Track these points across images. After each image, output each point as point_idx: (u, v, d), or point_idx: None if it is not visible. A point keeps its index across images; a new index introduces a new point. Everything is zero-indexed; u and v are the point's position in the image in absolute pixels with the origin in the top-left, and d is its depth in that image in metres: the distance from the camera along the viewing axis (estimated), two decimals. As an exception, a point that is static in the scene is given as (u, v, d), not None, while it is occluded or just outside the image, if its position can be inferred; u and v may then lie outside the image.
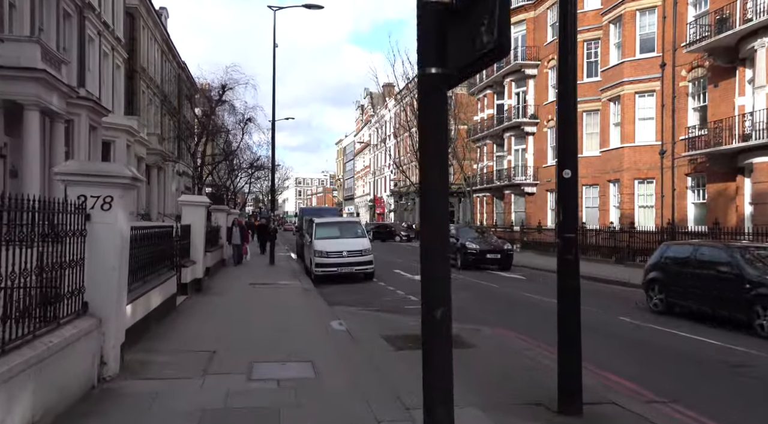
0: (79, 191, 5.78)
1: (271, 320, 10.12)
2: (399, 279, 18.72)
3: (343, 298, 14.08)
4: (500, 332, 9.47)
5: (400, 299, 14.02)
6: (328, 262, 17.74)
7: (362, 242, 18.52)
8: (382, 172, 72.28)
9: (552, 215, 33.05)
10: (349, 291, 15.66)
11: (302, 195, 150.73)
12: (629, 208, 24.54)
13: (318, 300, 13.07)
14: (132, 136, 23.12)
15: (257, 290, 14.55)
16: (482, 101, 41.08)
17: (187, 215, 13.36)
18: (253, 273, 18.98)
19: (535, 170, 35.11)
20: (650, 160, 23.90)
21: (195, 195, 19.71)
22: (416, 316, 9.95)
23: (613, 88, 25.56)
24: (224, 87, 25.09)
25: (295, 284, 16.15)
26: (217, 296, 13.21)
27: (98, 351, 5.80)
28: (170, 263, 10.60)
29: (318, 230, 18.99)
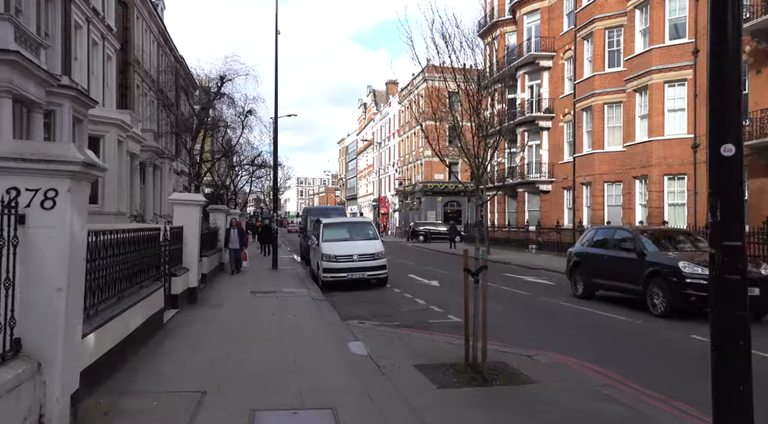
0: (9, 183, 4.12)
1: (277, 340, 8.44)
2: (415, 285, 17.05)
3: (357, 309, 12.40)
4: (559, 358, 7.78)
5: (422, 309, 12.33)
6: (337, 267, 16.07)
7: (374, 245, 16.84)
8: (386, 170, 70.59)
9: (569, 214, 31.39)
10: (362, 300, 13.98)
11: (304, 195, 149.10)
12: (658, 207, 22.83)
13: (329, 312, 11.39)
14: (124, 132, 21.45)
15: (259, 300, 12.87)
16: (492, 96, 39.34)
17: (179, 216, 11.70)
18: (254, 279, 17.30)
19: (551, 167, 33.39)
20: (682, 155, 22.19)
21: (188, 193, 17.90)
22: (447, 334, 8.39)
23: (639, 78, 23.86)
24: (223, 78, 23.33)
25: (301, 291, 14.47)
26: (213, 308, 11.52)
27: (37, 407, 4.13)
28: (156, 272, 8.94)
29: (326, 231, 17.32)
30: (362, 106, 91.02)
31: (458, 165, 57.88)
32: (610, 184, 27.13)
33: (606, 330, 9.97)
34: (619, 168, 26.32)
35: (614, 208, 26.88)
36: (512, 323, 10.50)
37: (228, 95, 24.70)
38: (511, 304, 13.09)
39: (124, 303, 6.75)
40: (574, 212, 30.04)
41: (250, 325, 9.76)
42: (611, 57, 27.11)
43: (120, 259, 6.64)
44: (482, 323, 6.49)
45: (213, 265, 17.16)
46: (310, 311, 11.53)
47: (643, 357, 8.00)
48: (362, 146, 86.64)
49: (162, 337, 8.40)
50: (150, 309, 8.04)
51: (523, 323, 10.75)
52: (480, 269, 6.50)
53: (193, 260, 11.85)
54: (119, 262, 6.62)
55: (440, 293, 15.04)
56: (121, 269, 6.78)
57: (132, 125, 23.05)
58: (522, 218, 35.71)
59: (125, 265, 6.93)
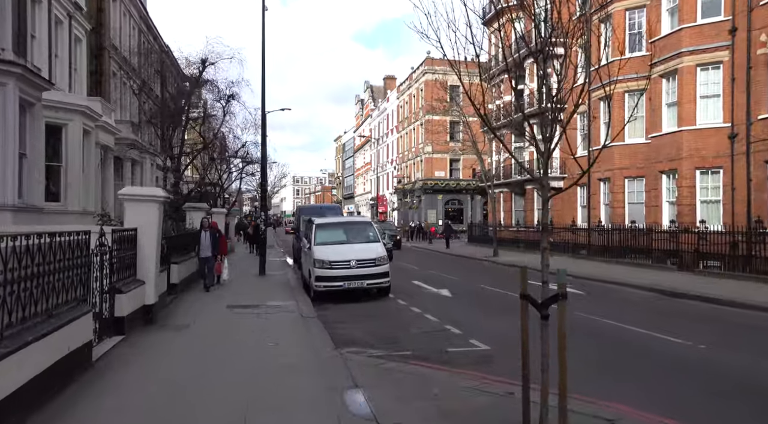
0: None
1: (244, 394, 6.06)
2: (423, 296, 14.71)
3: (355, 330, 10.03)
4: (632, 413, 5.44)
5: (436, 331, 9.95)
6: (331, 274, 13.70)
7: (375, 249, 14.47)
8: (384, 168, 68.21)
9: (583, 212, 29.06)
10: (362, 316, 11.62)
11: (300, 194, 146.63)
12: (690, 204, 20.50)
13: (321, 337, 9.01)
14: (92, 121, 19.00)
15: (236, 319, 10.49)
16: (498, 88, 37.02)
17: (132, 215, 9.32)
18: (236, 288, 14.93)
19: (563, 162, 31.06)
20: (717, 146, 19.87)
21: (142, 187, 15.19)
22: (477, 372, 5.89)
23: (666, 62, 21.53)
24: (205, 62, 20.87)
25: (289, 305, 12.10)
26: (174, 332, 9.14)
27: None
28: (82, 291, 6.56)
29: (319, 233, 14.94)
30: (359, 102, 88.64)
31: (459, 162, 55.80)
32: (631, 179, 24.80)
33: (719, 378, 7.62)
34: (641, 162, 23.99)
35: (636, 206, 24.56)
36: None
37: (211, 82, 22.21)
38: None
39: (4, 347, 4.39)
40: (589, 211, 27.71)
41: (213, 361, 7.38)
42: (632, 41, 24.74)
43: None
44: (560, 387, 4.14)
45: (189, 271, 14.78)
46: (296, 334, 9.16)
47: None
48: (359, 143, 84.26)
49: (82, 385, 6.01)
50: (64, 346, 5.68)
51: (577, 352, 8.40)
52: (553, 300, 4.16)
53: (150, 269, 9.47)
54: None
55: (454, 307, 12.69)
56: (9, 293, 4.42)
57: (103, 114, 20.61)
58: (531, 217, 33.39)
59: (17, 288, 4.58)
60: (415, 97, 56.68)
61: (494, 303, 12.97)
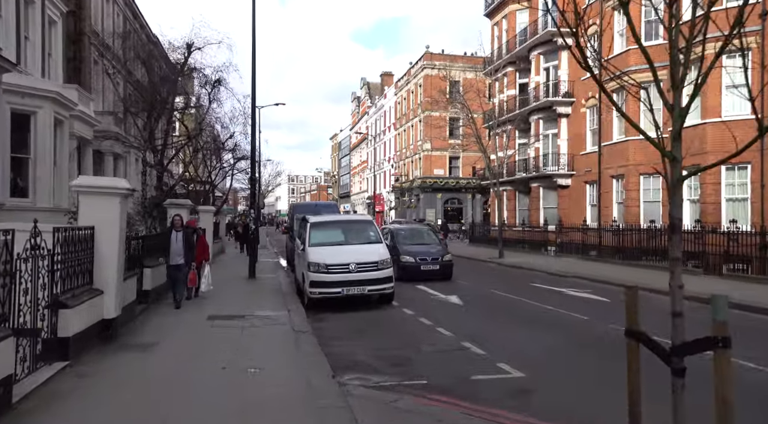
0: None
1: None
2: (428, 302, 13.16)
3: (356, 348, 8.45)
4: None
5: (453, 350, 8.36)
6: (328, 279, 12.11)
7: (377, 250, 12.89)
8: (381, 166, 66.57)
9: (592, 211, 27.56)
10: (363, 330, 10.04)
11: (295, 193, 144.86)
12: (714, 202, 19.02)
13: (314, 358, 7.42)
14: (66, 110, 17.36)
15: (215, 335, 8.88)
16: (501, 81, 35.50)
17: (88, 211, 7.71)
18: (221, 293, 13.31)
19: (570, 159, 29.53)
20: (744, 140, 18.36)
21: (100, 177, 13.35)
22: (518, 414, 4.36)
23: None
24: (190, 46, 19.16)
25: (279, 316, 10.49)
26: (136, 353, 7.52)
27: None
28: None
29: (314, 232, 13.34)
30: (356, 99, 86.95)
31: (459, 160, 54.23)
32: (646, 176, 23.28)
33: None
34: (658, 158, 21.96)
35: (652, 205, 23.05)
36: (605, 383, 6.59)
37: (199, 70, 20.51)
38: (577, 338, 9.17)
39: None
40: (599, 210, 26.21)
41: (177, 397, 5.77)
42: (648, 29, 23.28)
43: None
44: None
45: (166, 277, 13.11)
46: (286, 354, 7.56)
47: None
48: (356, 141, 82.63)
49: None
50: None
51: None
52: (700, 345, 2.59)
53: (111, 276, 7.86)
54: None
55: (467, 317, 11.12)
56: None
57: (80, 103, 18.96)
58: (536, 216, 31.84)
59: None
60: (414, 94, 55.10)
61: (512, 312, 11.41)
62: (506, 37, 35.55)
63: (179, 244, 11.04)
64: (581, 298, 13.63)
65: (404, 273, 16.28)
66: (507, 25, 35.72)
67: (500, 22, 36.79)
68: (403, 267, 16.44)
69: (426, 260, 16.93)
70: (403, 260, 16.65)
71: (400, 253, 16.77)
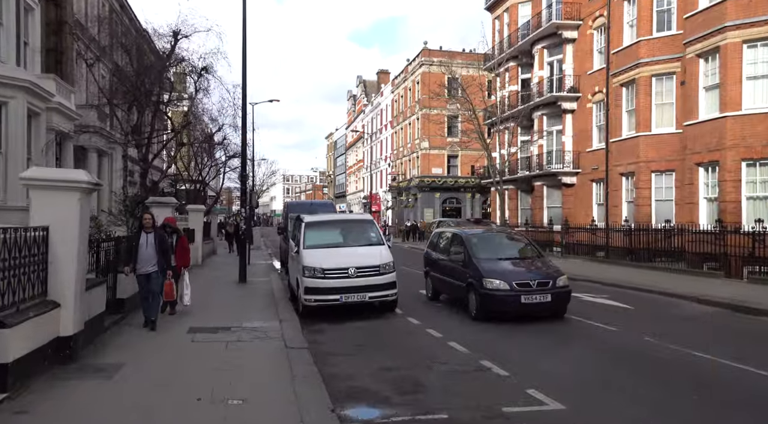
0: None
1: None
2: (435, 310, 12.03)
3: (359, 369, 7.27)
4: None
5: (472, 370, 7.18)
6: (324, 285, 10.93)
7: (379, 253, 11.70)
8: (377, 165, 65.39)
9: (599, 211, 26.46)
10: (365, 344, 8.85)
11: (291, 193, 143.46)
12: (734, 201, 17.90)
13: (310, 383, 6.23)
14: (42, 101, 16.14)
15: (194, 353, 7.68)
16: (503, 77, 34.32)
17: (41, 208, 6.52)
18: (207, 300, 12.11)
19: (575, 156, 28.42)
20: (766, 134, 17.32)
21: (56, 169, 11.98)
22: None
23: (705, 39, 18.91)
24: (177, 34, 17.91)
25: (270, 328, 9.30)
26: (97, 377, 6.30)
27: None
28: None
29: (309, 233, 12.14)
30: (351, 98, 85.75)
31: (457, 158, 53.09)
32: (658, 174, 22.17)
33: None
34: (671, 154, 21.39)
35: (664, 204, 21.93)
36: (667, 414, 5.43)
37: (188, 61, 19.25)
38: (611, 354, 8.00)
39: None
40: (606, 209, 25.10)
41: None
42: (660, 19, 22.17)
43: None
44: None
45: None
46: (276, 379, 6.37)
47: None
48: (352, 140, 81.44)
49: None
50: None
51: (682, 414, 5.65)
52: None
53: (69, 286, 6.66)
54: None
55: (481, 329, 9.94)
56: None
57: (59, 95, 17.73)
58: (540, 216, 30.73)
59: None
60: (411, 91, 53.91)
61: (527, 322, 10.23)
62: (508, 31, 34.43)
63: (150, 248, 8.87)
64: (600, 304, 12.49)
65: (491, 306, 10.24)
66: (509, 19, 34.58)
67: (501, 16, 35.66)
68: (488, 297, 10.19)
69: (529, 287, 10.20)
70: (488, 286, 10.20)
71: (482, 274, 10.42)
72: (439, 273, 12.69)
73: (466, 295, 10.97)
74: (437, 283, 12.96)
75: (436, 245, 13.73)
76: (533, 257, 11.87)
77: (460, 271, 11.31)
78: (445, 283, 12.32)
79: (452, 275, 11.81)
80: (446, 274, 12.22)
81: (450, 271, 11.99)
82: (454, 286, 11.76)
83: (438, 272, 12.80)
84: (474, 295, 10.55)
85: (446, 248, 12.78)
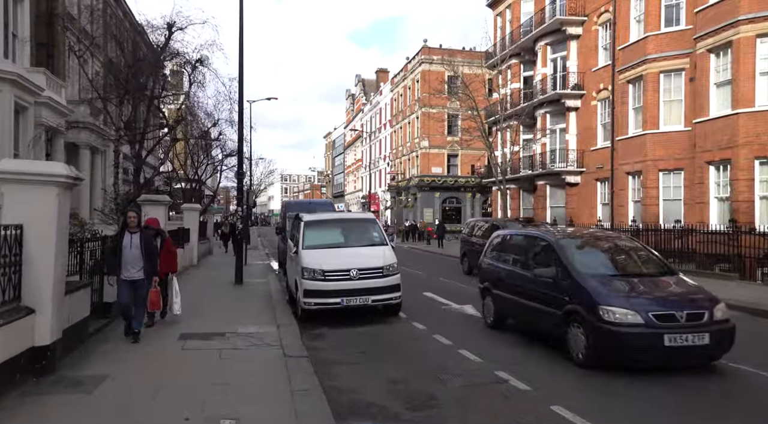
0: None
1: None
2: (441, 314, 11.42)
3: (363, 380, 6.68)
4: None
5: (487, 380, 6.60)
6: (325, 288, 10.33)
7: (382, 254, 11.09)
8: (376, 165, 64.79)
9: (604, 211, 25.93)
10: (369, 352, 8.24)
11: (289, 192, 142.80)
12: (747, 200, 17.36)
13: (311, 399, 5.64)
14: (30, 95, 15.54)
15: (184, 362, 7.08)
16: (504, 74, 33.74)
17: (14, 205, 5.91)
18: (200, 302, 11.51)
19: (580, 155, 27.86)
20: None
21: (31, 161, 11.30)
22: None
23: (716, 34, 18.37)
24: (172, 26, 17.28)
25: (267, 334, 8.70)
26: (75, 392, 5.68)
27: None
28: None
29: (308, 232, 11.54)
30: (350, 97, 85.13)
31: (458, 158, 52.49)
32: (666, 173, 21.61)
33: None
34: (679, 152, 20.83)
35: (672, 203, 21.37)
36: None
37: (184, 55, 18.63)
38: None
39: None
40: (612, 209, 24.56)
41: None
42: (669, 13, 21.61)
43: None
44: None
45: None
46: (272, 395, 5.77)
47: None
48: (350, 139, 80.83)
49: None
50: None
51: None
52: None
53: (46, 290, 6.05)
54: None
55: (493, 336, 9.35)
56: None
57: (48, 89, 17.12)
58: (542, 216, 30.16)
59: None
60: (411, 89, 53.31)
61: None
62: (510, 27, 33.87)
63: (135, 249, 7.91)
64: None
65: (614, 348, 6.89)
66: (511, 16, 34.04)
67: (504, 13, 35.10)
68: (609, 335, 6.84)
69: (675, 321, 6.80)
70: (608, 318, 6.86)
71: (594, 299, 7.13)
72: (510, 293, 9.10)
73: (562, 328, 7.54)
74: (506, 306, 9.34)
75: (500, 253, 10.10)
76: (662, 272, 8.11)
77: (549, 292, 7.92)
78: (522, 308, 8.72)
79: (534, 297, 8.28)
80: (523, 295, 8.65)
81: (530, 291, 8.43)
82: (538, 313, 8.23)
83: (507, 291, 9.20)
84: (580, 330, 7.15)
85: (522, 257, 9.23)
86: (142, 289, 8.08)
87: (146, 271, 8.07)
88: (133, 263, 7.97)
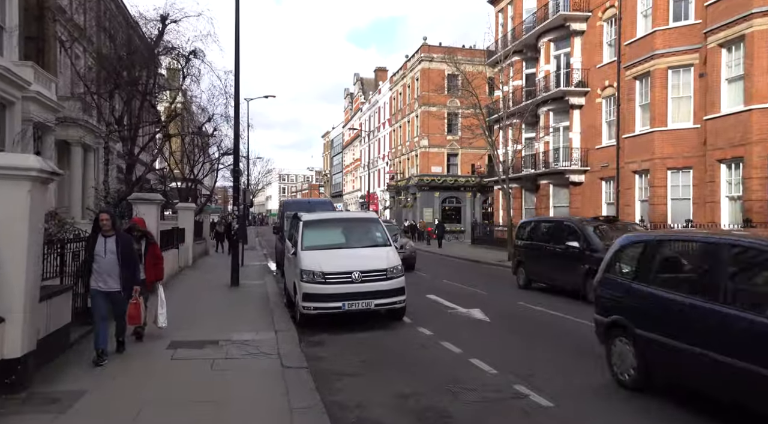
0: None
1: None
2: (448, 318, 10.82)
3: (368, 393, 6.09)
4: None
5: (504, 396, 6.01)
6: (325, 291, 9.72)
7: (386, 255, 10.49)
8: (375, 164, 64.18)
9: (609, 210, 25.33)
10: (373, 361, 7.64)
11: (287, 192, 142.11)
12: (761, 199, 16.79)
13: (312, 417, 5.04)
14: (17, 89, 14.91)
15: (173, 376, 6.47)
16: (506, 72, 33.14)
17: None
18: (194, 306, 10.90)
19: (584, 153, 27.28)
20: (797, 127, 16.24)
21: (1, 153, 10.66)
22: None
23: (728, 28, 17.79)
24: (165, 19, 16.65)
25: (264, 340, 8.10)
26: (47, 411, 5.08)
27: None
28: None
29: (308, 233, 10.92)
30: (348, 96, 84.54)
31: (457, 157, 51.92)
32: (674, 171, 21.02)
33: None
34: (688, 150, 20.26)
35: (680, 203, 20.79)
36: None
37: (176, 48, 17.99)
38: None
39: None
40: (617, 208, 23.97)
41: None
42: (677, 8, 21.02)
43: None
44: None
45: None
46: (269, 415, 5.17)
47: None
48: (349, 139, 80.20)
49: None
50: None
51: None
52: None
53: (16, 298, 5.44)
54: None
55: (505, 342, 8.76)
56: None
57: (36, 83, 16.47)
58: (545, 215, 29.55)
59: None
60: (410, 88, 52.71)
61: (558, 335, 9.07)
62: (512, 24, 33.29)
63: (110, 256, 6.82)
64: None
65: None
66: (513, 12, 33.45)
67: (505, 9, 34.52)
68: None
69: None
70: None
71: None
72: (677, 337, 5.45)
73: None
74: (668, 362, 5.73)
75: (647, 271, 6.21)
76: None
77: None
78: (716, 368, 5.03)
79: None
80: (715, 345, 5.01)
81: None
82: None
83: (670, 335, 5.54)
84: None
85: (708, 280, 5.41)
86: (119, 303, 7.01)
87: (124, 281, 6.93)
88: (109, 271, 6.83)
